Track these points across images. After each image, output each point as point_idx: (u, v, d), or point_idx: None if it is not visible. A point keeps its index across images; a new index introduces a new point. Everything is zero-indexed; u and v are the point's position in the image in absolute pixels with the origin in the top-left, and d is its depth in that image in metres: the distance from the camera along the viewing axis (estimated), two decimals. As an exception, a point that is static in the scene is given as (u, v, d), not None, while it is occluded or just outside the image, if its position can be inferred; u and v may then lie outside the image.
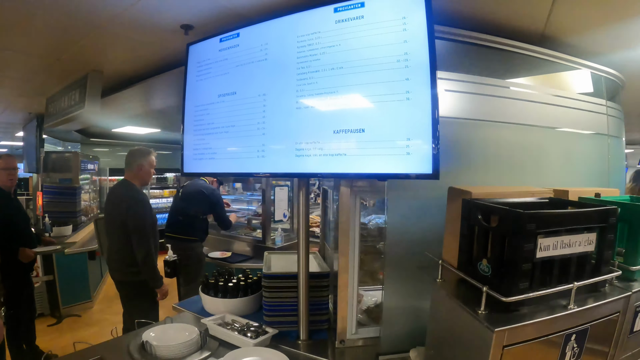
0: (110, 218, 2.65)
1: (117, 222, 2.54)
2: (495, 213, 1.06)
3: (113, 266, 2.68)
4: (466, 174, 1.63)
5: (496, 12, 1.74)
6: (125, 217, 2.49)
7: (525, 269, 0.97)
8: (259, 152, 1.65)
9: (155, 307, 2.69)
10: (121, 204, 2.54)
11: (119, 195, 2.63)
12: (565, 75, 2.08)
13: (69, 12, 1.94)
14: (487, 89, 1.73)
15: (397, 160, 1.35)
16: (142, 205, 2.58)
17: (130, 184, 2.65)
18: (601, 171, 2.11)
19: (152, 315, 2.58)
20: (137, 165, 2.66)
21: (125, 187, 2.64)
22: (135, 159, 2.67)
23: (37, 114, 5.04)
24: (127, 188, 2.63)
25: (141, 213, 2.53)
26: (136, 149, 2.76)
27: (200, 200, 3.68)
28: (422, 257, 1.44)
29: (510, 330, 0.91)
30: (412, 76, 1.32)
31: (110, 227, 2.67)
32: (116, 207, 2.57)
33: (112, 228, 2.64)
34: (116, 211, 2.56)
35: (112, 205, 2.67)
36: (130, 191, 2.60)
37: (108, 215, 2.72)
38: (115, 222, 2.55)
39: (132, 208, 2.50)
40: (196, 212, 3.67)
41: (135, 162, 2.67)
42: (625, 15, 1.73)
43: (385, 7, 1.38)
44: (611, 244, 1.11)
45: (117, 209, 2.55)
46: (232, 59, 1.78)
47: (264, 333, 1.70)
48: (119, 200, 2.58)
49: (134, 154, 2.70)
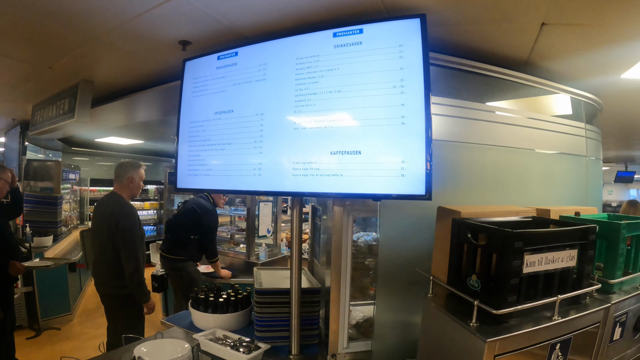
0: (98, 230, 2.61)
1: (105, 235, 2.51)
2: (484, 232, 1.13)
3: (99, 280, 2.63)
4: (453, 194, 1.71)
5: (485, 40, 1.85)
6: (114, 230, 2.47)
7: (513, 284, 1.03)
8: (256, 170, 1.68)
9: (141, 322, 2.64)
10: (110, 216, 2.51)
11: (108, 207, 2.60)
12: (547, 99, 2.21)
13: (66, 20, 1.91)
14: (473, 113, 1.84)
15: (392, 182, 1.41)
16: (132, 219, 2.55)
17: (120, 197, 2.63)
18: (580, 190, 2.23)
19: (138, 329, 2.54)
20: (128, 177, 2.66)
21: (115, 200, 2.62)
22: (126, 171, 2.66)
23: (22, 121, 4.92)
24: (116, 201, 2.61)
25: (130, 227, 2.50)
26: (127, 162, 2.74)
27: (191, 219, 3.49)
28: (412, 273, 1.49)
29: (501, 340, 0.97)
30: (408, 102, 1.38)
31: (98, 240, 2.62)
32: (105, 220, 2.54)
33: (99, 240, 2.59)
34: (105, 223, 2.53)
35: (100, 217, 2.63)
36: (120, 204, 2.58)
37: (96, 227, 2.68)
38: (103, 235, 2.52)
39: (121, 221, 2.48)
40: (184, 232, 3.47)
41: (126, 174, 2.65)
42: (603, 45, 1.86)
43: (383, 35, 1.45)
44: (591, 259, 1.19)
45: (106, 221, 2.52)
46: (229, 77, 1.82)
47: (256, 348, 1.70)
48: (108, 213, 2.55)
49: (125, 166, 2.68)
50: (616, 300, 1.22)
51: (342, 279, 1.73)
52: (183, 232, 3.48)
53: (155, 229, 8.38)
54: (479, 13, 1.63)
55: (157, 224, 8.44)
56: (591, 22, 1.65)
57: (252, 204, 3.93)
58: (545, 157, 2.06)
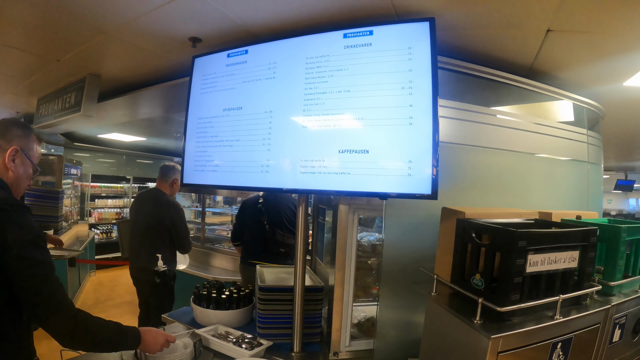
0: (144, 222, 2.91)
1: (153, 226, 2.85)
2: (489, 232, 1.16)
3: (138, 266, 2.90)
4: (456, 195, 1.72)
5: (490, 45, 1.88)
6: (165, 223, 2.84)
7: (516, 282, 1.05)
8: (263, 167, 1.69)
9: (171, 304, 2.95)
10: (161, 211, 2.87)
11: (156, 202, 2.93)
12: (550, 104, 2.25)
13: (77, 14, 1.92)
14: (478, 117, 1.86)
15: (399, 181, 1.43)
16: (183, 214, 3.00)
17: (165, 194, 3.00)
18: (581, 195, 2.26)
19: (168, 310, 2.76)
20: (174, 179, 3.04)
21: (163, 198, 2.97)
22: (173, 173, 3.05)
23: (25, 114, 4.92)
24: (164, 199, 2.97)
25: (183, 221, 2.96)
26: (171, 165, 3.10)
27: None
28: (416, 272, 1.51)
29: (505, 337, 0.99)
30: (416, 103, 1.41)
31: (141, 230, 2.91)
32: (153, 213, 2.88)
33: (143, 230, 2.89)
34: (153, 216, 2.87)
35: (147, 209, 2.94)
36: (170, 202, 2.96)
37: (141, 219, 2.95)
38: (151, 226, 2.85)
39: (176, 217, 2.90)
40: None
41: (172, 176, 3.03)
42: (607, 53, 1.89)
43: (393, 37, 1.48)
44: (592, 261, 1.21)
45: (155, 214, 2.86)
46: (239, 75, 1.84)
47: (259, 345, 1.71)
48: (156, 207, 2.89)
49: (172, 169, 3.05)
50: (616, 302, 1.24)
51: (346, 276, 1.75)
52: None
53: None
54: (486, 18, 1.66)
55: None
56: (596, 30, 1.68)
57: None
58: (548, 162, 2.09)
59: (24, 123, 1.30)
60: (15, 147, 1.27)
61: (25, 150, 1.31)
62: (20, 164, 1.30)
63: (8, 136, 1.25)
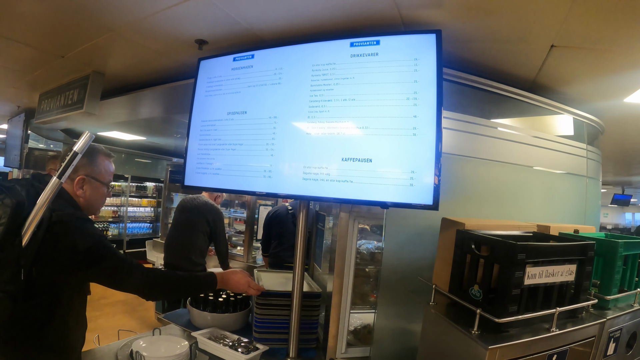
0: (192, 223, 3.47)
1: (199, 227, 3.43)
2: (488, 243, 1.17)
3: (174, 261, 3.43)
4: (455, 206, 1.73)
5: (494, 59, 1.91)
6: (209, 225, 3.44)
7: (514, 294, 1.07)
8: (266, 172, 1.69)
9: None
10: (208, 214, 3.47)
11: (204, 207, 3.51)
12: (551, 119, 2.27)
13: (85, 11, 1.92)
14: (479, 129, 1.88)
15: (401, 191, 1.44)
16: (223, 218, 3.63)
17: (210, 201, 3.58)
18: (579, 209, 2.28)
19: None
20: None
21: (210, 204, 3.55)
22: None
23: (26, 109, 4.90)
24: (211, 205, 3.55)
25: (223, 224, 3.60)
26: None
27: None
28: (414, 281, 1.52)
29: (502, 348, 1.00)
30: (420, 114, 1.42)
31: (186, 229, 3.47)
32: (201, 215, 3.46)
33: (187, 230, 3.46)
34: (201, 218, 3.45)
35: (194, 213, 3.49)
36: (216, 208, 3.56)
37: (188, 220, 3.50)
38: (198, 227, 3.43)
39: (218, 221, 3.52)
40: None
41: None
42: (609, 69, 1.92)
43: (400, 48, 1.49)
44: (589, 275, 1.23)
45: (203, 216, 3.46)
46: (244, 79, 1.85)
47: (255, 349, 1.71)
48: (204, 211, 3.49)
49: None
50: (611, 316, 1.25)
51: (345, 283, 1.75)
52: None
53: (151, 227, 8.34)
54: (491, 32, 1.68)
55: (153, 221, 8.39)
56: (599, 47, 1.71)
57: (253, 207, 3.97)
58: (547, 175, 2.11)
59: (89, 149, 1.34)
60: (81, 177, 1.41)
61: (92, 175, 1.44)
62: (90, 188, 1.44)
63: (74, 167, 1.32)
